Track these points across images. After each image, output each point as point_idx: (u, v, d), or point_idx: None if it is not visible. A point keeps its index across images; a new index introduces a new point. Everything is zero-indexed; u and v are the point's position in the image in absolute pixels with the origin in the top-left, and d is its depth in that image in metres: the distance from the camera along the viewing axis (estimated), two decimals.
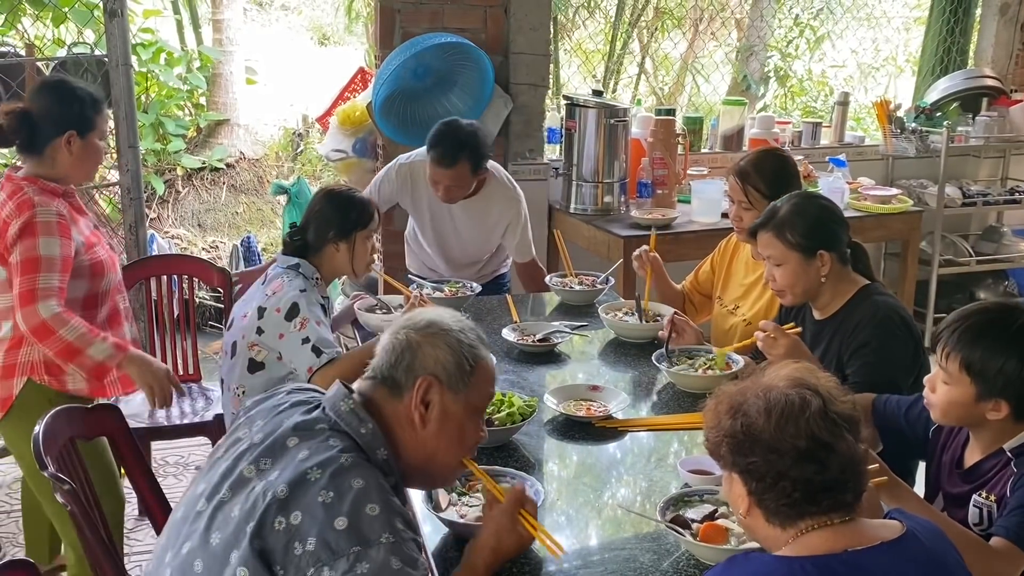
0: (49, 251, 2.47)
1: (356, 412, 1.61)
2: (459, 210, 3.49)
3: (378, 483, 1.50)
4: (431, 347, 1.65)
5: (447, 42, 3.99)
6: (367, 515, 1.44)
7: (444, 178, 3.28)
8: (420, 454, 1.65)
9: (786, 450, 1.40)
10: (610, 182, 4.27)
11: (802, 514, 1.42)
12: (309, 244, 2.74)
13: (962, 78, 5.35)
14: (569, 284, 3.36)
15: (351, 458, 1.52)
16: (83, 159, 2.61)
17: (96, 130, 2.61)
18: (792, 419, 1.41)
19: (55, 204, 2.52)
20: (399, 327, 1.70)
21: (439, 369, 1.64)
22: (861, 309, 2.44)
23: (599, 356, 2.86)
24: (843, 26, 7.30)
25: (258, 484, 1.50)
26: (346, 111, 4.49)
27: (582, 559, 1.81)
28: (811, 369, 1.51)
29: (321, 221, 2.72)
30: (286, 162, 8.73)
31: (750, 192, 2.84)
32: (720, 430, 1.47)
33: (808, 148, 5.09)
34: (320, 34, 11.92)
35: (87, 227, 2.66)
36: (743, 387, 1.49)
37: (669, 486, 2.06)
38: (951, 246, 5.18)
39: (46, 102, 2.57)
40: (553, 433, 2.33)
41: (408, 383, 1.63)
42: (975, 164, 5.57)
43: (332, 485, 1.46)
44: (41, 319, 2.43)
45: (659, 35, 7.19)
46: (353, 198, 2.76)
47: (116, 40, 3.82)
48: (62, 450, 2.14)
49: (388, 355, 1.66)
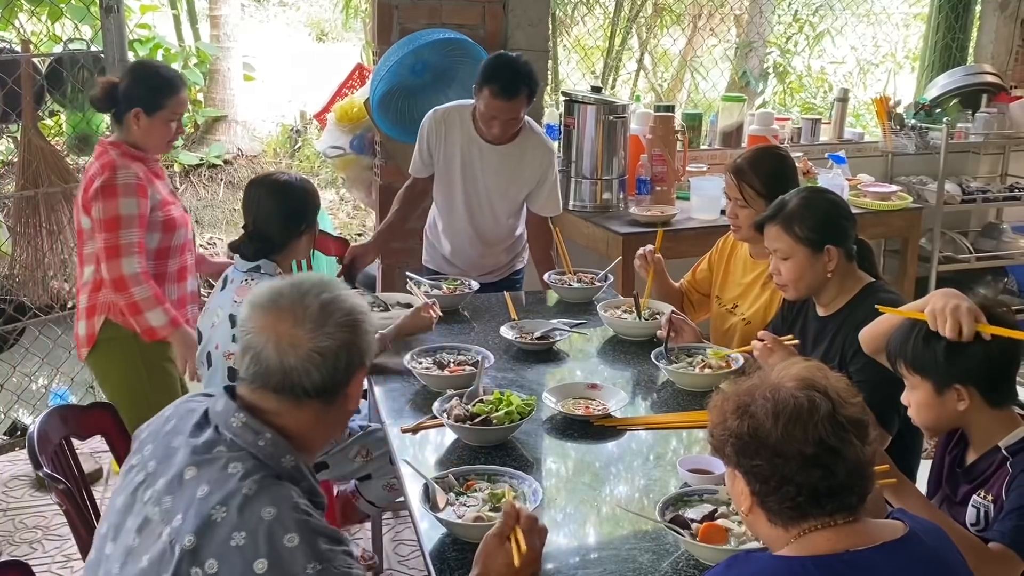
0: (128, 210, 2.83)
1: (249, 425, 1.48)
2: (494, 156, 3.43)
3: (291, 503, 1.41)
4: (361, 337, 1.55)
5: (445, 38, 3.98)
6: (286, 548, 1.36)
7: (504, 111, 3.24)
8: (338, 429, 1.62)
9: (792, 455, 1.38)
10: (609, 179, 4.25)
11: (805, 516, 1.41)
12: (274, 244, 2.68)
13: (962, 74, 5.33)
14: (568, 282, 3.35)
15: (255, 484, 1.42)
16: (149, 135, 2.95)
17: (164, 110, 2.93)
18: (800, 423, 1.39)
19: (134, 167, 2.88)
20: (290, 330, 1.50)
21: (367, 355, 1.57)
22: (865, 306, 2.42)
23: (598, 354, 2.85)
24: (842, 22, 7.28)
25: (164, 529, 1.41)
26: (344, 107, 4.47)
27: (581, 559, 1.80)
28: (821, 368, 1.48)
29: (289, 217, 2.68)
30: (284, 159, 8.72)
31: (746, 190, 2.83)
32: (726, 429, 1.45)
33: (807, 145, 5.07)
34: (318, 30, 11.90)
35: (164, 188, 3.02)
36: (751, 386, 1.47)
37: (668, 485, 2.05)
38: (951, 243, 5.16)
39: (126, 79, 2.97)
40: (552, 432, 2.32)
41: (345, 382, 1.54)
42: (975, 161, 5.55)
43: (241, 523, 1.37)
44: (121, 273, 2.82)
45: (658, 31, 7.18)
46: (302, 184, 2.76)
47: (112, 36, 3.80)
48: (56, 449, 2.13)
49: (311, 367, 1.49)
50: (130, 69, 3.09)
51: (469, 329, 3.02)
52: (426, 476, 1.93)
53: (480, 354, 2.62)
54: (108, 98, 2.95)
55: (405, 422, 2.33)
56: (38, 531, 3.51)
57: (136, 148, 2.94)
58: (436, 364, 2.59)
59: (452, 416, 2.20)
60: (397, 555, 3.31)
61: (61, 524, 3.45)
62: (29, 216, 4.17)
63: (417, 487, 1.93)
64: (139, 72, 3.02)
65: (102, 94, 2.96)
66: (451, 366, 2.57)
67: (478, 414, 2.19)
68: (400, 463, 2.11)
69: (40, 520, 3.57)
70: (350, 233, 7.15)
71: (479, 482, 1.96)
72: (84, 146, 4.37)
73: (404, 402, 2.47)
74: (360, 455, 2.76)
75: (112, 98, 2.95)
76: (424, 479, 1.92)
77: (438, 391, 2.42)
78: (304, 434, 1.53)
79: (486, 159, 3.43)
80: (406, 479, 2.04)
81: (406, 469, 2.04)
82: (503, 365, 2.69)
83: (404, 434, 2.27)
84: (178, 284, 3.07)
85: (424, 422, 2.30)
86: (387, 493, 2.85)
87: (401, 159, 4.23)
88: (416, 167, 3.54)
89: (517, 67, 3.22)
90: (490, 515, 1.82)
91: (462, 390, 2.34)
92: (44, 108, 4.45)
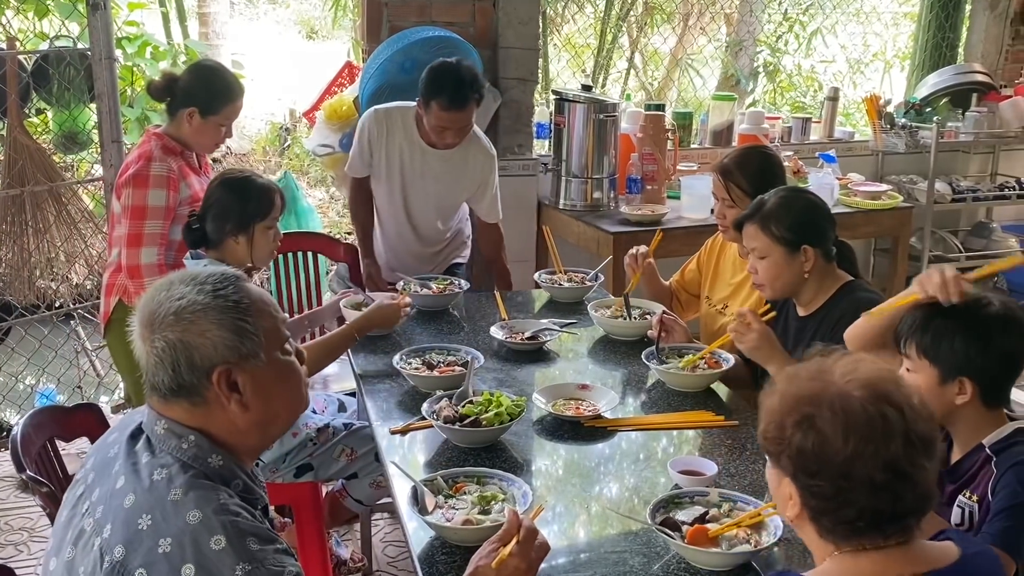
0: (156, 202, 2.89)
1: (172, 430, 1.43)
2: (436, 160, 3.42)
3: (218, 505, 1.36)
4: (197, 335, 1.42)
5: (435, 36, 3.96)
6: (213, 551, 1.31)
7: (455, 121, 3.23)
8: (256, 431, 1.49)
9: (860, 479, 1.26)
10: (599, 178, 4.24)
11: (860, 537, 1.30)
12: (208, 236, 2.61)
13: (952, 73, 5.33)
14: (558, 281, 3.33)
15: (180, 489, 1.36)
16: (200, 135, 3.02)
17: (217, 115, 2.99)
18: (872, 444, 1.25)
19: (170, 160, 2.94)
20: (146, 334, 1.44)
21: (223, 352, 1.42)
22: (842, 305, 2.43)
23: (588, 354, 2.84)
24: (833, 21, 7.29)
25: (96, 541, 1.37)
26: (333, 106, 4.44)
27: (571, 560, 1.79)
28: (891, 372, 1.34)
29: (218, 211, 2.60)
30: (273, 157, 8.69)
31: (732, 189, 2.83)
32: (784, 441, 1.31)
33: (798, 144, 5.07)
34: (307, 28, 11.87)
35: (198, 183, 3.03)
36: (814, 391, 1.31)
37: (658, 486, 2.04)
38: (940, 242, 5.17)
39: (187, 77, 3.03)
40: (542, 433, 2.31)
41: (201, 381, 1.43)
42: (965, 160, 5.57)
43: (167, 529, 1.32)
44: (139, 262, 2.89)
45: (649, 30, 7.17)
46: (251, 185, 2.63)
47: (99, 33, 3.78)
48: (40, 451, 2.10)
49: (158, 369, 1.43)
50: (195, 67, 3.18)
51: (458, 329, 3.01)
52: (415, 478, 1.91)
53: (470, 354, 2.60)
54: (166, 90, 3.00)
55: (394, 423, 2.31)
56: (24, 533, 3.48)
57: (180, 143, 3.00)
58: (425, 364, 2.57)
59: (441, 417, 2.19)
60: (386, 556, 3.29)
61: (47, 526, 3.42)
62: (15, 215, 4.14)
63: (406, 489, 1.91)
64: (203, 73, 3.08)
65: (161, 84, 3.02)
66: (440, 366, 2.56)
67: (468, 415, 2.18)
68: (388, 465, 2.09)
69: (26, 522, 3.54)
70: (340, 232, 7.13)
71: (468, 484, 1.94)
72: (71, 144, 4.34)
73: (393, 403, 2.46)
74: (345, 454, 2.74)
75: (170, 91, 3.00)
76: (413, 481, 1.90)
77: (427, 392, 2.40)
78: (218, 433, 1.45)
79: (428, 163, 3.42)
80: (394, 481, 2.02)
81: (395, 471, 2.02)
82: (493, 365, 2.68)
83: (393, 435, 2.25)
84: None
85: (413, 423, 2.28)
86: (373, 491, 2.83)
87: None
88: (354, 167, 3.52)
89: (462, 75, 3.19)
90: (479, 518, 1.81)
91: (451, 391, 2.32)
92: (30, 106, 4.41)
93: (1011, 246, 5.26)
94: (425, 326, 3.01)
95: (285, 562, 1.36)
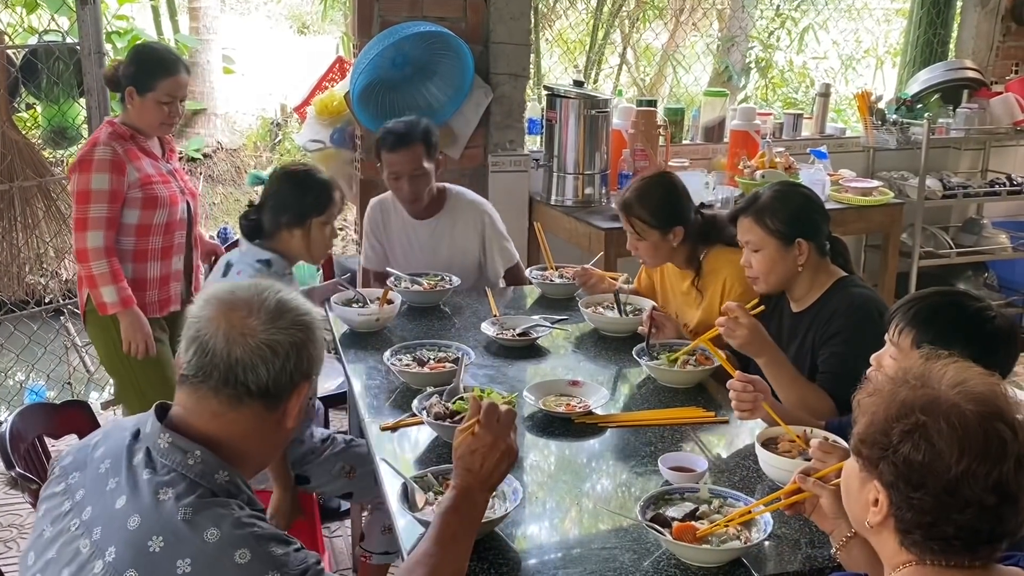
0: (99, 185, 2.91)
1: (176, 444, 1.40)
2: (426, 235, 3.39)
3: (233, 519, 1.34)
4: (313, 344, 1.48)
5: (426, 31, 3.94)
6: (239, 566, 1.29)
7: (401, 163, 3.21)
8: (278, 449, 1.51)
9: (967, 498, 1.19)
10: (591, 174, 4.24)
11: (948, 555, 1.24)
12: (263, 227, 2.63)
13: (943, 70, 5.34)
14: (549, 277, 3.33)
15: (189, 508, 1.33)
16: (142, 114, 3.02)
17: (154, 91, 2.97)
18: (986, 463, 1.19)
19: (115, 144, 2.95)
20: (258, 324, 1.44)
21: (316, 367, 1.50)
22: (836, 300, 2.44)
23: (579, 350, 2.83)
24: (824, 17, 7.29)
25: (96, 564, 1.33)
26: (324, 101, 4.43)
27: (562, 556, 1.78)
28: (1000, 386, 1.27)
29: (276, 203, 2.61)
30: (264, 152, 8.66)
31: (636, 223, 2.85)
32: (890, 447, 1.24)
33: (789, 140, 5.08)
34: (298, 23, 11.82)
35: (151, 166, 3.05)
36: (927, 398, 1.24)
37: (649, 482, 2.04)
38: (931, 238, 5.18)
39: (125, 60, 3.07)
40: (532, 429, 2.30)
41: (288, 389, 1.45)
42: (956, 156, 5.57)
43: (183, 550, 1.29)
44: (85, 246, 2.91)
45: (640, 25, 7.16)
46: (310, 179, 2.64)
47: (89, 28, 3.76)
48: (29, 448, 2.09)
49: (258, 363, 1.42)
50: (131, 49, 3.24)
51: (449, 325, 3.00)
52: (405, 475, 1.91)
53: (460, 350, 2.60)
54: (113, 78, 3.06)
55: (384, 419, 2.30)
56: (12, 529, 3.46)
57: (131, 127, 3.03)
58: (416, 361, 2.56)
59: (432, 414, 2.18)
60: None
61: None
62: (4, 210, 4.12)
63: (396, 486, 1.90)
64: (136, 52, 3.13)
65: (110, 73, 3.09)
66: (431, 363, 2.55)
67: (458, 411, 2.17)
68: (379, 462, 2.08)
69: (15, 518, 3.53)
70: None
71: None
72: (60, 139, 4.32)
73: (383, 399, 2.45)
74: (344, 472, 2.67)
75: (115, 78, 3.05)
76: (403, 478, 1.90)
77: (418, 388, 2.40)
78: (237, 445, 1.44)
79: (420, 238, 3.40)
80: (385, 478, 2.01)
81: (385, 468, 2.01)
82: (484, 362, 2.67)
83: (383, 432, 2.25)
84: (162, 262, 3.13)
85: (403, 420, 2.28)
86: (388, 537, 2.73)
87: None
88: (370, 259, 3.50)
89: (405, 122, 3.25)
90: None
91: (442, 387, 2.31)
92: (19, 100, 4.39)
93: (1001, 242, 5.28)
94: (416, 322, 3.00)
95: (306, 558, 1.38)
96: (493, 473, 1.65)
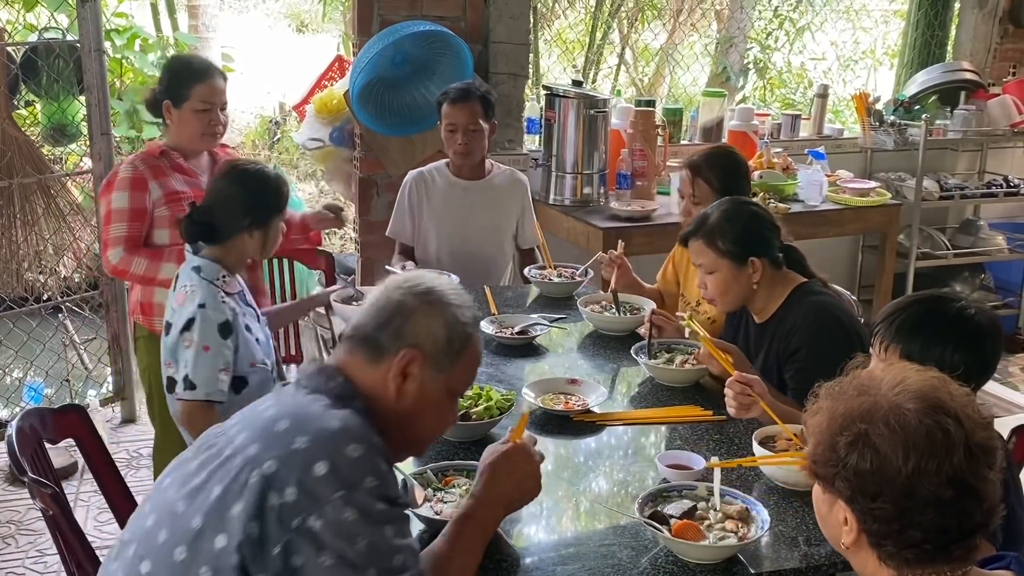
0: (119, 204, 2.83)
1: (323, 370, 1.52)
2: (474, 195, 3.49)
3: (358, 422, 1.44)
4: (425, 316, 1.54)
5: (426, 30, 3.95)
6: (364, 489, 1.36)
7: (460, 116, 3.33)
8: (392, 423, 1.54)
9: (925, 497, 1.18)
10: (590, 173, 4.24)
11: (922, 563, 1.23)
12: (217, 230, 2.42)
13: (940, 71, 5.35)
14: (548, 276, 3.34)
15: (338, 419, 1.43)
16: (182, 127, 2.92)
17: (189, 99, 2.87)
18: (934, 459, 1.18)
19: (138, 162, 2.87)
20: (394, 286, 1.57)
21: (428, 342, 1.53)
22: (794, 312, 2.44)
23: (578, 349, 2.85)
24: (822, 18, 7.30)
25: (237, 459, 1.40)
26: (323, 99, 4.44)
27: (560, 554, 1.80)
28: (941, 380, 1.26)
29: (233, 207, 2.41)
30: (263, 150, 8.65)
31: (700, 186, 2.87)
32: (839, 463, 1.23)
33: (787, 140, 5.09)
34: (298, 21, 11.81)
35: (183, 183, 2.90)
36: (864, 406, 1.24)
37: (647, 480, 2.05)
38: (929, 239, 5.20)
39: (158, 77, 3.00)
40: (531, 427, 2.30)
41: (391, 349, 1.52)
42: (953, 157, 5.59)
43: (322, 453, 1.37)
44: (112, 264, 2.84)
45: (639, 25, 7.16)
46: (267, 178, 2.47)
47: (88, 25, 3.77)
48: (33, 454, 2.09)
49: (376, 314, 1.54)
50: (163, 65, 3.17)
51: None
52: (404, 472, 1.92)
53: None
54: (151, 100, 2.97)
55: None
56: (11, 526, 3.46)
57: (174, 148, 2.93)
58: None
59: None
60: None
61: (35, 519, 3.41)
62: (3, 207, 4.12)
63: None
64: (167, 65, 3.08)
65: (148, 96, 2.99)
66: None
67: (459, 410, 2.17)
68: None
69: (14, 515, 3.53)
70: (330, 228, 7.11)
71: (458, 477, 1.95)
72: (60, 136, 4.32)
73: None
74: None
75: (153, 100, 2.95)
76: (402, 475, 1.91)
77: None
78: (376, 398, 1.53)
79: (469, 197, 3.49)
80: None
81: None
82: (483, 359, 2.67)
83: None
84: None
85: None
86: None
87: (381, 152, 4.21)
88: (398, 231, 3.56)
89: (467, 82, 3.45)
90: None
91: None
92: (19, 98, 4.39)
93: (998, 243, 5.29)
94: None
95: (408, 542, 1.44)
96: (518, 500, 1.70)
